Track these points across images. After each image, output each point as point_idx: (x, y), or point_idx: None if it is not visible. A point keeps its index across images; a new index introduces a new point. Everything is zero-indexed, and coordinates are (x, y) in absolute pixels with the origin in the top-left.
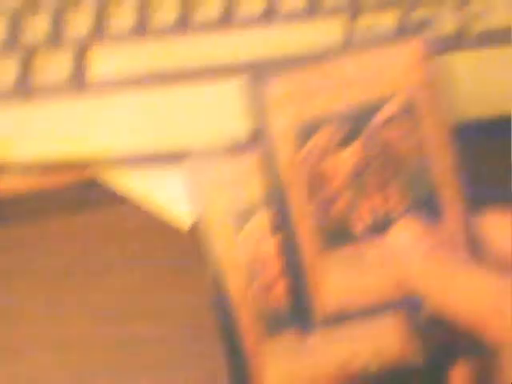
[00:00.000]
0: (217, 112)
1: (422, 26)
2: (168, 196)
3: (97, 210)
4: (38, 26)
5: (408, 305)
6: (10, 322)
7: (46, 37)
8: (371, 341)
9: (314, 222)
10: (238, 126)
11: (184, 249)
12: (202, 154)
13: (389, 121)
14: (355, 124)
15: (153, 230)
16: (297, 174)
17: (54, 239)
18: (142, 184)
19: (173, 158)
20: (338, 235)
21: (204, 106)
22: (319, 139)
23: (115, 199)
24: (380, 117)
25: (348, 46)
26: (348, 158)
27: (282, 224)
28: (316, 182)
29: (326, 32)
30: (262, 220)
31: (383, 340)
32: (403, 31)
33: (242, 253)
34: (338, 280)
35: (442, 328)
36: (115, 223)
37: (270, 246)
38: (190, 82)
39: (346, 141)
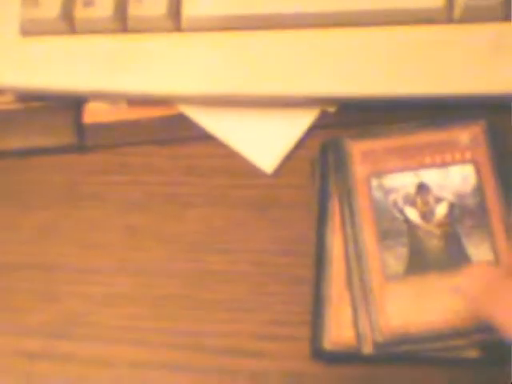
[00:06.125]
0: (306, 59)
1: None
2: (255, 137)
3: (182, 145)
4: None
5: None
6: (89, 246)
7: None
8: None
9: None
10: (325, 72)
11: (264, 191)
12: None
13: None
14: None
15: (236, 169)
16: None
17: (137, 169)
18: (229, 123)
19: (263, 101)
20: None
21: (295, 52)
22: None
23: (201, 136)
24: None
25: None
26: None
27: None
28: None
29: None
30: None
31: None
32: None
33: None
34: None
35: None
36: (199, 159)
37: None
38: (283, 28)
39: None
